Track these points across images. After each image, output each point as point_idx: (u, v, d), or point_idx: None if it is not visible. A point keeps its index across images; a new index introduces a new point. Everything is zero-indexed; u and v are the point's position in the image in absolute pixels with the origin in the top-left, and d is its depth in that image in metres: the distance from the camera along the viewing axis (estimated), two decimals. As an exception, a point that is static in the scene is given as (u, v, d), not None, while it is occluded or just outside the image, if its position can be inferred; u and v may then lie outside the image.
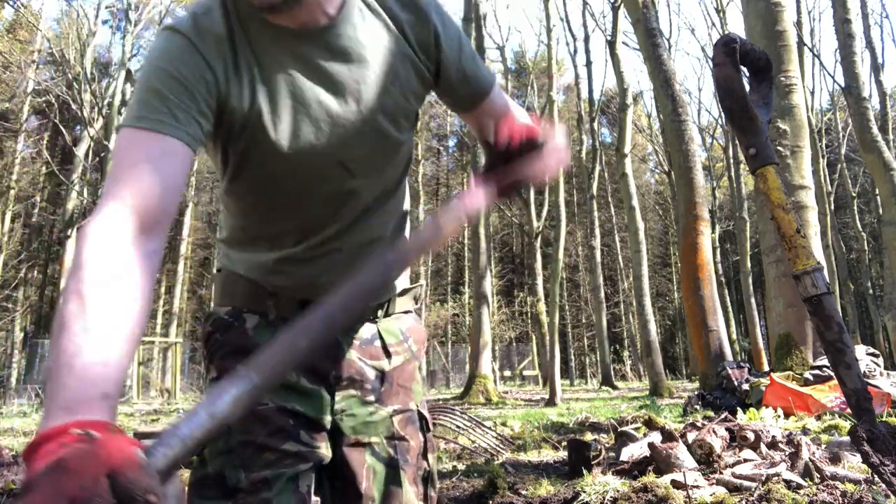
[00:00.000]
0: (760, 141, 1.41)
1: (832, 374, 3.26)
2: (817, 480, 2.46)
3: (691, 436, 2.97)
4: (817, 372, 5.37)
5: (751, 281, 21.38)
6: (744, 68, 1.49)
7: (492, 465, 3.54)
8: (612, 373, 20.62)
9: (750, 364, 6.88)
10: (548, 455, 4.00)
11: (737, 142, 1.99)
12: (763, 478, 2.45)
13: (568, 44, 22.78)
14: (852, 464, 2.73)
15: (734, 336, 25.20)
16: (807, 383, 5.26)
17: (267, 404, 1.03)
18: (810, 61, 22.54)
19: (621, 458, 3.09)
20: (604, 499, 2.44)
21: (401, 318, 1.23)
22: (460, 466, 3.60)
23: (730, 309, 24.46)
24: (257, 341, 1.08)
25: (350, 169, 1.05)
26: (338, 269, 1.11)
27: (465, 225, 0.94)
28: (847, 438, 3.01)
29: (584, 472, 2.93)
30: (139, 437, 1.78)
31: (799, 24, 19.36)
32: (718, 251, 25.68)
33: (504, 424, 5.88)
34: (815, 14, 42.09)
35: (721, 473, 2.64)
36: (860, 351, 5.75)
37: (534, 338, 25.44)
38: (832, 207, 23.28)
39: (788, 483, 2.40)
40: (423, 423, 1.21)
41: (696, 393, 6.73)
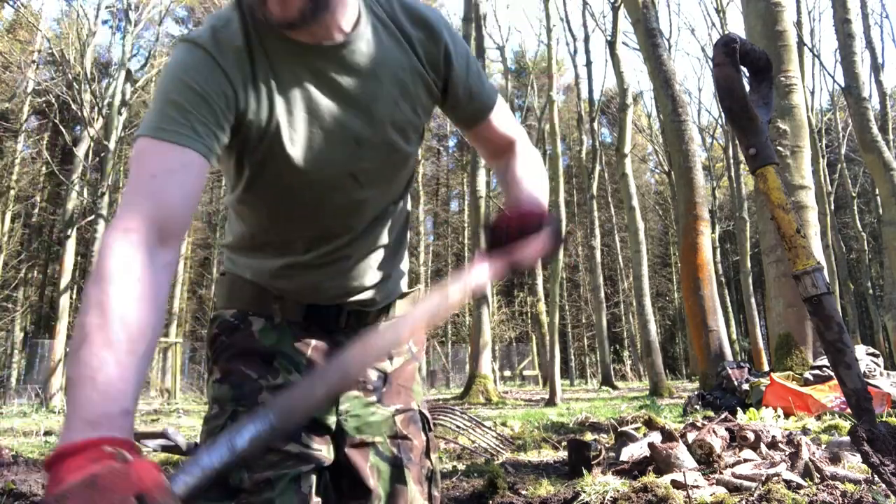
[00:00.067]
0: (760, 141, 1.41)
1: (832, 374, 3.26)
2: (817, 480, 2.46)
3: (691, 436, 2.97)
4: (817, 372, 5.37)
5: (751, 281, 21.37)
6: (744, 68, 1.49)
7: (492, 465, 3.54)
8: (612, 373, 20.62)
9: (750, 364, 6.88)
10: (548, 455, 4.00)
11: (737, 142, 1.99)
12: (763, 478, 2.45)
13: (568, 44, 22.83)
14: (852, 464, 2.73)
15: (734, 336, 25.20)
16: (807, 383, 5.26)
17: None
18: (810, 61, 22.57)
19: (621, 458, 3.09)
20: (604, 499, 2.44)
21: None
22: (460, 466, 3.60)
23: (730, 309, 24.45)
24: (263, 344, 1.10)
25: (360, 180, 1.08)
26: (345, 275, 1.14)
27: (469, 299, 0.98)
28: (847, 438, 3.01)
29: (584, 472, 2.93)
30: (139, 437, 1.80)
31: (799, 24, 19.36)
32: (718, 251, 25.68)
33: (504, 424, 5.88)
34: (815, 14, 42.12)
35: (721, 473, 2.64)
36: (860, 351, 5.74)
37: (534, 338, 25.44)
38: (832, 207, 23.28)
39: (788, 483, 2.40)
40: (425, 422, 1.23)
41: (696, 393, 6.73)
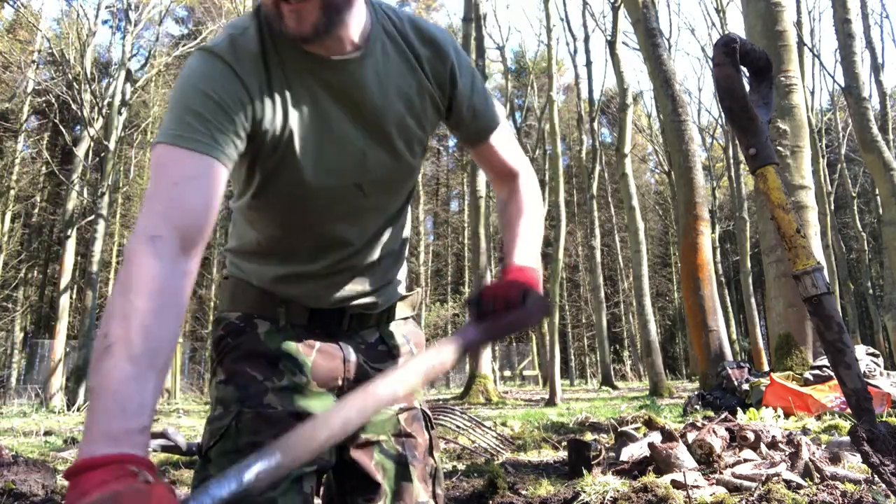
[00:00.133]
0: (760, 141, 1.41)
1: (832, 374, 3.26)
2: (817, 480, 2.46)
3: (691, 436, 2.97)
4: (817, 372, 5.37)
5: (751, 281, 21.37)
6: (744, 68, 1.49)
7: (492, 465, 3.53)
8: (612, 373, 20.62)
9: (750, 364, 6.87)
10: (548, 455, 4.00)
11: (737, 142, 1.99)
12: (763, 478, 2.45)
13: (568, 44, 22.81)
14: (852, 464, 2.73)
15: (734, 336, 25.20)
16: (807, 383, 5.26)
17: (275, 408, 1.06)
18: (810, 61, 22.57)
19: (621, 458, 3.09)
20: (604, 499, 2.44)
21: (401, 324, 1.29)
22: (460, 466, 3.59)
23: (730, 309, 24.45)
24: (269, 346, 1.12)
25: (365, 190, 1.11)
26: (348, 282, 1.17)
27: (463, 360, 1.00)
28: (847, 438, 3.01)
29: (584, 472, 2.93)
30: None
31: (799, 24, 19.36)
32: (718, 251, 25.67)
33: (504, 424, 5.88)
34: (815, 14, 42.03)
35: (721, 473, 2.64)
36: (860, 351, 5.74)
37: (534, 338, 25.44)
38: (832, 207, 23.27)
39: (788, 483, 2.40)
40: (427, 421, 1.26)
41: (696, 393, 6.72)
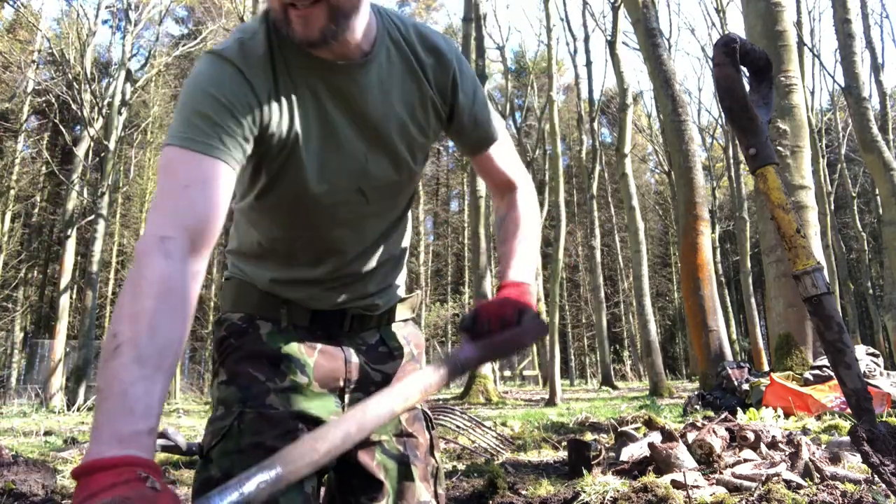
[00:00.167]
0: (760, 141, 1.41)
1: (832, 374, 3.26)
2: (817, 480, 2.46)
3: (691, 436, 2.97)
4: (817, 372, 5.37)
5: (751, 281, 21.36)
6: (744, 68, 1.49)
7: (492, 465, 3.53)
8: (612, 373, 20.61)
9: (750, 364, 6.87)
10: (548, 455, 4.00)
11: (737, 142, 1.99)
12: (763, 478, 2.45)
13: (568, 44, 22.80)
14: (852, 464, 2.73)
15: (734, 336, 25.19)
16: (807, 383, 5.26)
17: (277, 408, 1.07)
18: (810, 61, 22.55)
19: (621, 458, 3.08)
20: (604, 499, 2.44)
21: (401, 326, 1.30)
22: (460, 466, 3.59)
23: (730, 309, 24.44)
24: (271, 347, 1.13)
25: (366, 195, 1.11)
26: (349, 287, 1.18)
27: (460, 377, 1.00)
28: (847, 438, 3.01)
29: (584, 472, 2.93)
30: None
31: (799, 24, 19.36)
32: (718, 251, 25.67)
33: (504, 424, 5.88)
34: (815, 14, 42.03)
35: (721, 473, 2.64)
36: (860, 351, 5.74)
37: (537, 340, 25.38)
38: (832, 207, 23.27)
39: (788, 483, 2.40)
40: (428, 421, 1.27)
41: (696, 393, 6.72)
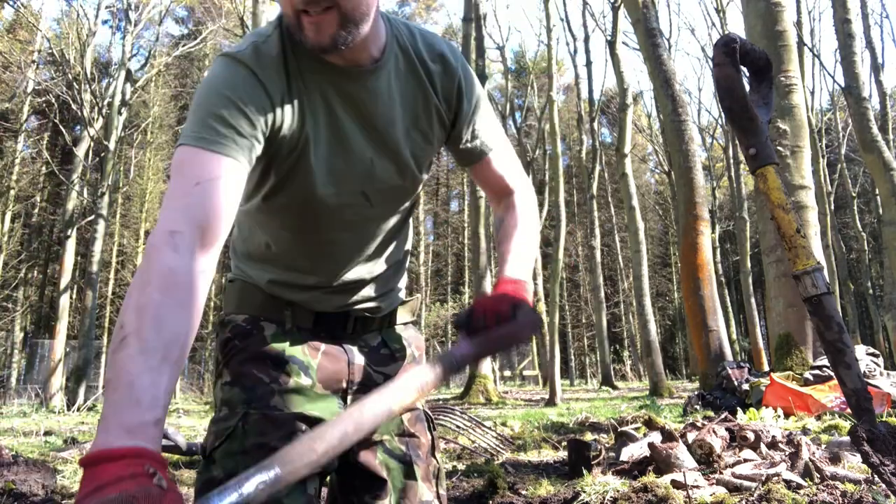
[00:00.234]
0: (760, 141, 1.41)
1: (832, 374, 3.26)
2: (817, 480, 2.46)
3: (691, 436, 2.97)
4: (817, 372, 5.37)
5: (751, 281, 21.36)
6: (744, 68, 1.49)
7: (492, 465, 3.53)
8: (612, 373, 20.62)
9: (750, 364, 6.87)
10: (548, 455, 4.00)
11: (737, 142, 1.99)
12: (763, 478, 2.45)
13: (568, 44, 22.81)
14: (852, 464, 2.73)
15: (734, 336, 25.19)
16: (807, 383, 5.25)
17: (282, 410, 1.08)
18: (810, 61, 22.56)
19: (621, 458, 3.08)
20: (604, 499, 2.44)
21: (403, 328, 1.32)
22: (460, 466, 3.59)
23: (730, 309, 24.44)
24: (275, 349, 1.14)
25: (371, 199, 1.13)
26: (352, 291, 1.20)
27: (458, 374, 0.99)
28: (847, 438, 3.01)
29: (584, 472, 2.92)
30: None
31: (799, 24, 19.36)
32: (718, 251, 25.67)
33: (504, 424, 5.88)
34: (815, 14, 42.06)
35: (721, 473, 2.63)
36: (860, 351, 5.74)
37: (534, 338, 25.44)
38: (832, 207, 23.27)
39: (788, 483, 2.40)
40: (430, 422, 1.28)
41: (696, 393, 6.72)
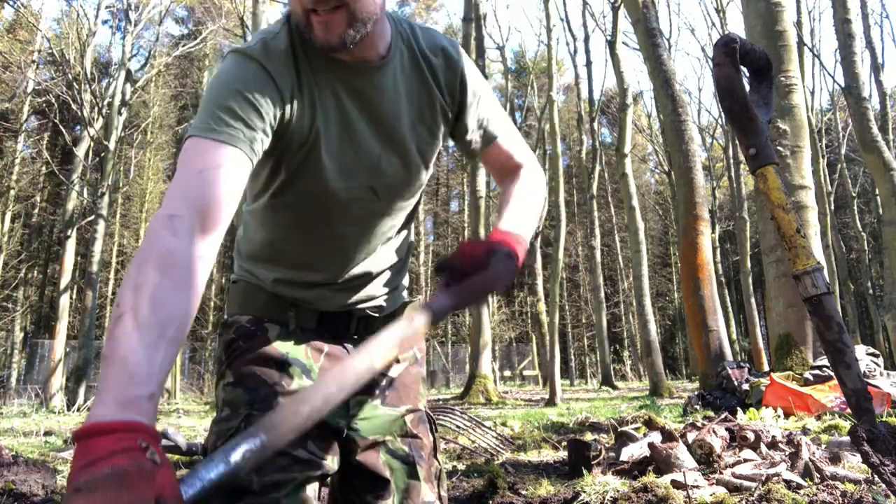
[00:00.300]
0: (760, 141, 1.41)
1: (832, 374, 3.26)
2: (817, 480, 2.46)
3: (691, 436, 2.97)
4: (817, 372, 5.37)
5: (751, 281, 21.36)
6: (744, 68, 1.49)
7: (492, 465, 3.53)
8: (612, 373, 20.61)
9: (750, 364, 6.87)
10: (548, 455, 3.99)
11: (737, 142, 1.99)
12: (763, 478, 2.45)
13: (568, 44, 22.78)
14: (852, 464, 2.73)
15: (734, 336, 25.19)
16: (807, 383, 5.25)
17: None
18: (810, 61, 22.55)
19: (621, 458, 3.08)
20: (604, 499, 2.44)
21: None
22: (460, 466, 3.59)
23: (730, 309, 24.44)
24: (279, 350, 1.14)
25: (378, 194, 1.15)
26: (356, 289, 1.20)
27: (434, 326, 1.00)
28: (847, 438, 3.01)
29: (584, 472, 2.92)
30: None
31: (799, 24, 19.35)
32: (718, 251, 25.66)
33: (504, 424, 5.88)
34: (815, 14, 42.04)
35: (721, 473, 2.64)
36: (860, 351, 5.74)
37: (534, 338, 25.43)
38: (832, 207, 23.26)
39: (788, 483, 2.40)
40: (431, 423, 1.28)
41: (696, 393, 6.72)
